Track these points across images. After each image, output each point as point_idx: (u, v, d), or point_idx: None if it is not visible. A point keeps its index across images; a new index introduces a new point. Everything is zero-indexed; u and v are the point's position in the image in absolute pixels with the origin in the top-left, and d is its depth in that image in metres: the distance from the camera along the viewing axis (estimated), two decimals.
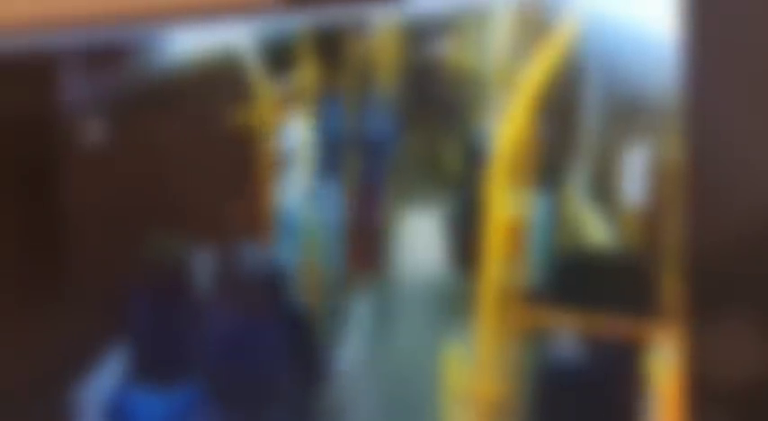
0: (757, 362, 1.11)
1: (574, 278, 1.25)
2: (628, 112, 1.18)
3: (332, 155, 1.53)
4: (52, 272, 1.51)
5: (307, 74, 1.44)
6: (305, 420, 1.49)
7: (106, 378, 1.51)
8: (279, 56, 1.45)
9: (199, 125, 1.47)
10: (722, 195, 1.14)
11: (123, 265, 1.52)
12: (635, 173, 1.19)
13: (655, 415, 1.19)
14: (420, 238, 1.46)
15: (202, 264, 1.53)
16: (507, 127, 1.29)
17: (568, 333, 1.28)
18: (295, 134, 1.51)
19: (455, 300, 1.37)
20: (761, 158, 1.10)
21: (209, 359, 1.55)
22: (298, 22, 1.44)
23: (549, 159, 1.27)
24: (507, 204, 1.28)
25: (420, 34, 1.41)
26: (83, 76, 1.46)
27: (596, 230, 1.24)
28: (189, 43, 1.41)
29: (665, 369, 1.19)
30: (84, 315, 1.53)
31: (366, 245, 1.54)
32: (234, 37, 1.41)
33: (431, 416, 1.35)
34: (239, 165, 1.51)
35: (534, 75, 1.25)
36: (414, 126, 1.49)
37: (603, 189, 1.22)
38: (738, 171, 1.11)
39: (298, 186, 1.51)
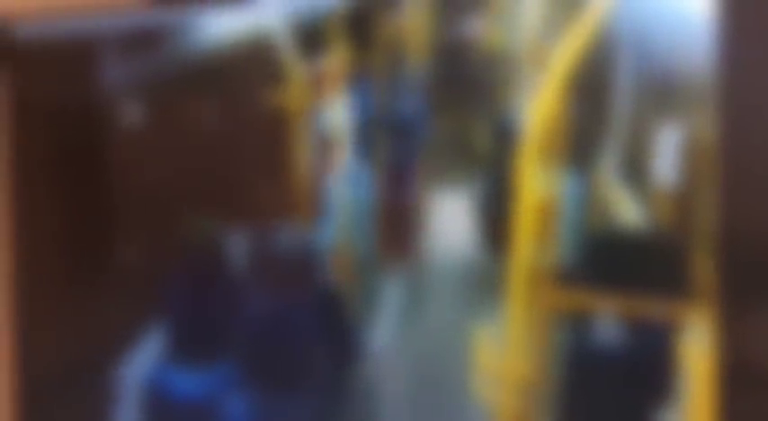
0: None
1: (605, 259, 1.24)
2: (660, 91, 1.16)
3: (364, 136, 1.53)
4: (93, 253, 1.54)
5: (338, 55, 1.44)
6: (338, 399, 1.50)
7: (146, 356, 1.54)
8: (311, 37, 1.45)
9: (234, 107, 1.48)
10: (756, 175, 1.12)
11: (162, 247, 1.54)
12: (667, 152, 1.17)
13: (688, 395, 1.18)
14: (451, 219, 1.46)
15: (238, 246, 1.55)
16: (538, 106, 1.28)
17: (599, 314, 1.28)
18: (328, 115, 1.52)
19: (486, 281, 1.37)
20: None
21: (244, 339, 1.57)
22: (329, 4, 1.44)
23: (581, 139, 1.26)
24: (538, 184, 1.28)
25: (450, 14, 1.40)
26: (121, 60, 1.48)
27: (628, 211, 1.22)
28: (223, 27, 1.42)
29: (698, 350, 1.17)
30: (125, 296, 1.56)
31: (398, 225, 1.54)
32: (267, 19, 1.42)
33: (462, 395, 1.36)
34: (274, 147, 1.52)
35: (566, 54, 1.23)
36: (444, 106, 1.48)
37: (635, 169, 1.20)
38: None
39: (331, 168, 1.52)
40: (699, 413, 1.15)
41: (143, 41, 1.46)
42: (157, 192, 1.54)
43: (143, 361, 1.56)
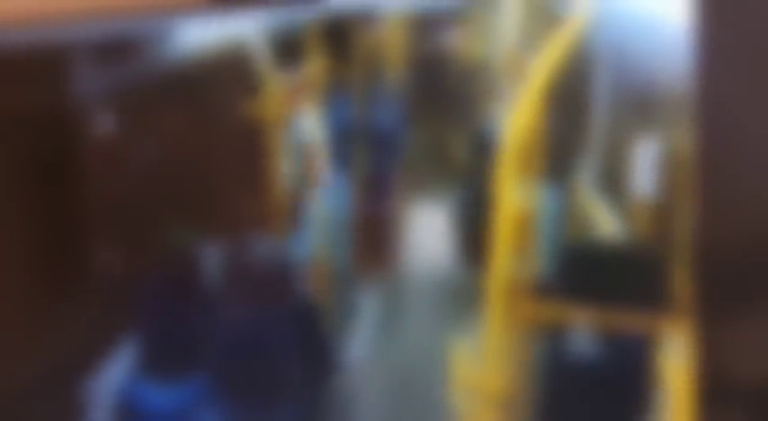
0: None
1: (583, 271, 1.24)
2: (638, 104, 1.16)
3: (341, 147, 1.53)
4: (63, 264, 1.52)
5: (315, 65, 1.43)
6: (314, 412, 1.48)
7: (117, 370, 1.51)
8: (288, 48, 1.44)
9: (210, 117, 1.47)
10: (733, 187, 1.12)
11: (134, 258, 1.52)
12: (645, 164, 1.17)
13: (666, 409, 1.18)
14: (428, 231, 1.46)
15: (213, 257, 1.53)
16: (516, 118, 1.28)
17: (577, 326, 1.28)
18: (304, 126, 1.51)
19: (463, 293, 1.36)
20: None
21: (218, 352, 1.55)
22: (306, 15, 1.43)
23: (559, 151, 1.26)
24: (516, 196, 1.27)
25: (428, 25, 1.40)
26: (94, 68, 1.46)
27: (605, 223, 1.22)
28: (199, 36, 1.41)
29: (676, 363, 1.17)
30: (96, 308, 1.53)
31: (375, 237, 1.53)
32: (243, 29, 1.41)
33: (439, 407, 1.35)
34: (250, 157, 1.50)
35: (544, 66, 1.24)
36: (422, 117, 1.48)
37: (613, 181, 1.21)
38: (750, 163, 1.09)
39: (307, 179, 1.51)
40: None
41: (118, 50, 1.44)
42: (131, 203, 1.52)
43: (114, 374, 1.53)
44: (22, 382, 1.49)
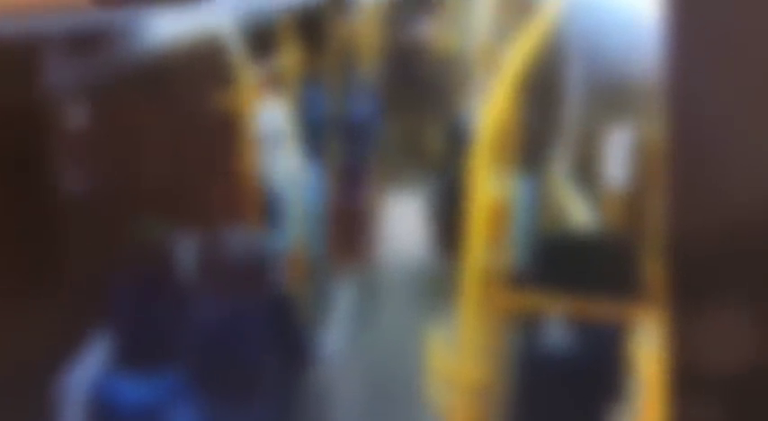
0: (741, 345, 1.10)
1: (557, 261, 1.25)
2: (610, 94, 1.17)
3: (314, 138, 1.52)
4: (33, 258, 1.50)
5: (289, 57, 1.43)
6: (289, 404, 1.48)
7: (90, 365, 1.50)
8: (261, 39, 1.43)
9: (182, 109, 1.46)
10: (705, 177, 1.13)
11: (106, 251, 1.51)
12: (618, 155, 1.18)
13: (638, 396, 1.19)
14: (403, 222, 1.46)
15: (186, 250, 1.52)
16: (490, 109, 1.28)
17: (551, 315, 1.28)
18: (277, 118, 1.50)
19: (438, 284, 1.37)
20: (743, 140, 1.09)
21: (192, 345, 1.54)
22: (280, 7, 1.43)
23: (532, 141, 1.26)
24: (490, 187, 1.28)
25: (402, 16, 1.40)
26: (65, 60, 1.44)
27: (579, 213, 1.23)
28: (172, 28, 1.39)
29: (648, 351, 1.18)
30: (67, 302, 1.51)
31: (350, 228, 1.53)
32: (216, 21, 1.40)
33: (415, 398, 1.35)
34: (223, 149, 1.49)
35: (517, 57, 1.24)
36: (396, 108, 1.48)
37: (586, 171, 1.21)
38: (720, 152, 1.10)
39: (281, 170, 1.50)
40: (649, 413, 1.16)
41: (88, 42, 1.43)
42: (103, 196, 1.51)
43: (87, 369, 1.52)
44: None
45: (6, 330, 1.49)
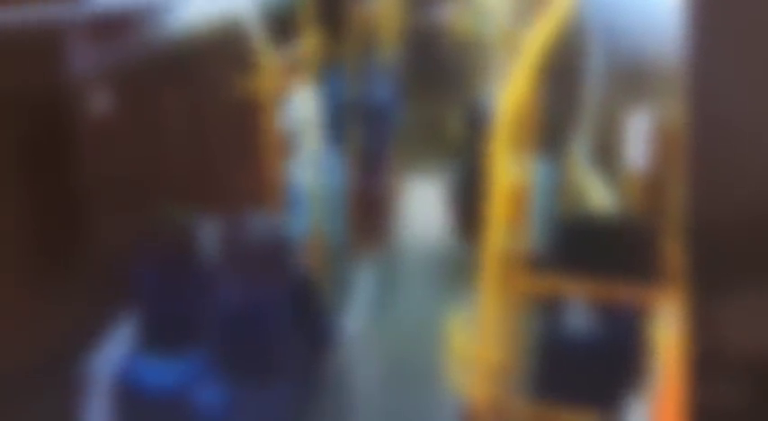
0: (761, 328, 1.10)
1: (576, 244, 1.25)
2: (630, 77, 1.16)
3: (335, 123, 1.53)
4: (58, 243, 1.52)
5: (309, 42, 1.43)
6: (311, 385, 1.49)
7: (116, 348, 1.52)
8: (282, 25, 1.44)
9: (205, 94, 1.47)
10: (725, 160, 1.12)
11: (132, 236, 1.53)
12: (638, 138, 1.18)
13: (658, 378, 1.19)
14: (423, 205, 1.46)
15: (210, 234, 1.54)
16: (510, 93, 1.28)
17: (571, 298, 1.28)
18: (299, 103, 1.51)
19: (458, 267, 1.37)
20: (764, 122, 1.08)
21: (216, 328, 1.56)
22: None
23: (552, 125, 1.26)
24: (510, 170, 1.28)
25: (421, 0, 1.40)
26: (90, 46, 1.46)
27: (599, 196, 1.23)
28: (194, 14, 1.40)
29: (668, 333, 1.18)
30: (94, 287, 1.54)
31: (370, 212, 1.54)
32: (238, 7, 1.41)
33: (435, 380, 1.36)
34: (245, 135, 1.50)
35: (536, 40, 1.24)
36: (416, 93, 1.48)
37: (606, 154, 1.21)
38: (741, 135, 1.10)
39: (303, 155, 1.51)
40: (669, 396, 1.16)
41: (112, 29, 1.44)
42: (127, 181, 1.52)
43: (114, 352, 1.55)
44: (25, 360, 1.50)
45: (34, 314, 1.52)
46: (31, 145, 1.52)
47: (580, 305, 1.28)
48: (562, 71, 1.26)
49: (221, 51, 1.46)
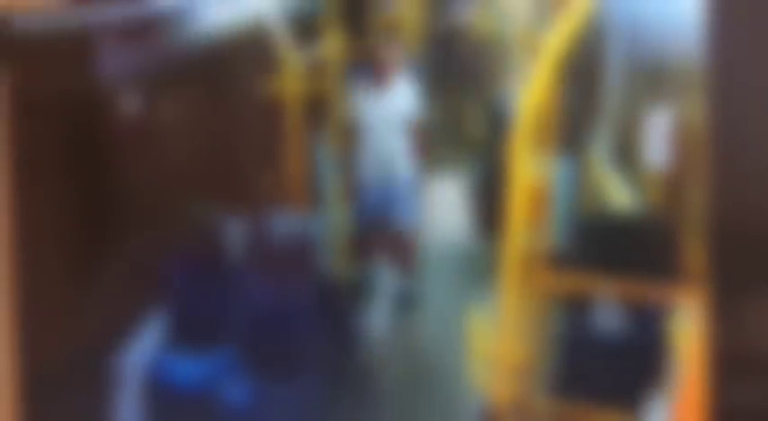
0: None
1: (597, 242, 1.26)
2: (651, 76, 1.17)
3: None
4: (90, 242, 1.55)
5: (333, 43, 1.45)
6: (336, 383, 1.51)
7: (146, 344, 1.55)
8: (306, 26, 1.46)
9: (231, 96, 1.49)
10: (746, 158, 1.12)
11: (162, 235, 1.55)
12: (658, 136, 1.18)
13: (680, 376, 1.19)
14: (445, 204, 1.47)
15: (236, 233, 1.56)
16: (530, 92, 1.29)
17: (592, 297, 1.29)
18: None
19: (480, 266, 1.38)
20: None
21: (243, 325, 1.58)
22: None
23: (572, 123, 1.27)
24: (531, 169, 1.29)
25: (443, 1, 1.41)
26: (119, 51, 1.48)
27: (619, 194, 1.23)
28: (220, 17, 1.43)
29: (689, 332, 1.18)
30: (125, 284, 1.57)
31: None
32: (262, 9, 1.43)
33: (457, 378, 1.37)
34: (271, 135, 1.52)
35: (557, 39, 1.24)
36: (437, 93, 1.49)
37: (626, 152, 1.21)
38: (762, 133, 1.09)
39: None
40: (690, 394, 1.16)
41: (141, 32, 1.47)
42: (157, 181, 1.55)
43: (143, 348, 1.57)
44: (56, 359, 1.53)
45: (66, 311, 1.55)
46: (67, 148, 1.55)
47: (600, 303, 1.29)
48: (582, 70, 1.26)
49: (246, 53, 1.48)
